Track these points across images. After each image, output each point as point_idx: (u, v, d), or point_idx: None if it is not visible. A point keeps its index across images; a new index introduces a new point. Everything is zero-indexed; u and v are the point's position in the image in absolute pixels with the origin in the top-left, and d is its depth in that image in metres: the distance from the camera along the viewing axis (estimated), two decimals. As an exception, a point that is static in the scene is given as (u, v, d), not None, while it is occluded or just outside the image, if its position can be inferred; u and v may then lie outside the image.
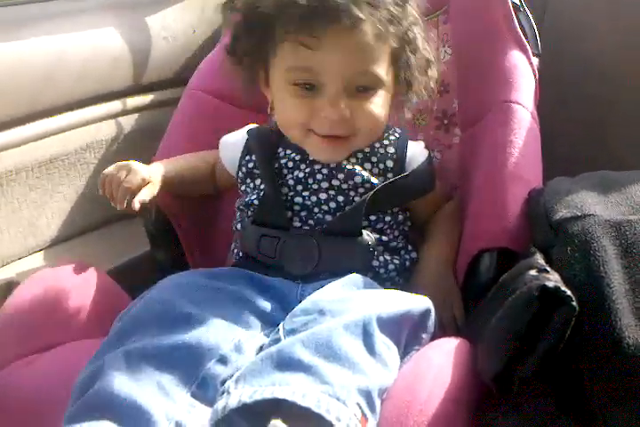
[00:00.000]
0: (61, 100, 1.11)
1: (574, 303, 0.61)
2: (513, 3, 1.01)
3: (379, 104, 0.83)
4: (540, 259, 0.69)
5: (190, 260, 1.02)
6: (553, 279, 0.63)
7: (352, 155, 0.87)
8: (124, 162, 0.91)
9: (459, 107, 1.03)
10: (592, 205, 0.73)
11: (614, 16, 1.19)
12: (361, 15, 0.75)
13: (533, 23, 1.05)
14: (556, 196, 0.77)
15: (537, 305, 0.61)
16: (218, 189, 1.04)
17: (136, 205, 0.85)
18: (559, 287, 0.61)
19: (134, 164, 0.90)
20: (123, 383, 0.61)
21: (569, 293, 0.61)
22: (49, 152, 1.10)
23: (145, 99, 1.26)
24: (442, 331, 0.77)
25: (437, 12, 1.06)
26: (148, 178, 0.88)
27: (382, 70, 0.81)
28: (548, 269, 0.66)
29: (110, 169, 0.89)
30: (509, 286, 0.68)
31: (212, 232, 1.06)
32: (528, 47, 0.98)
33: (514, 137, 0.88)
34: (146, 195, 0.87)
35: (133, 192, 0.86)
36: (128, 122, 1.23)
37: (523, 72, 0.95)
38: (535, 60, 0.99)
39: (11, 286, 0.98)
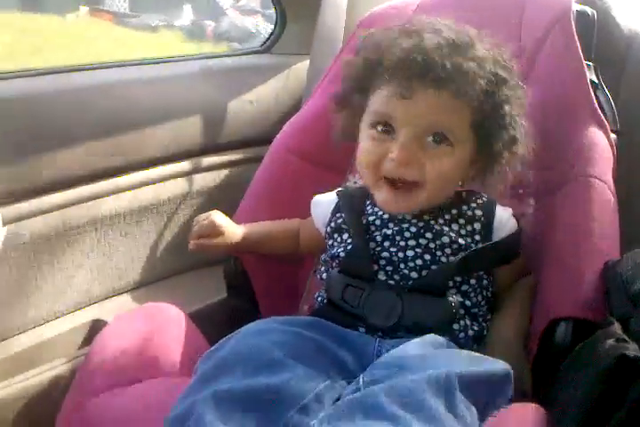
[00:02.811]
0: (158, 153, 1.21)
1: (654, 374, 0.61)
2: (591, 80, 1.05)
3: (451, 160, 0.84)
4: (618, 329, 0.69)
5: (263, 309, 1.06)
6: (632, 349, 0.63)
7: (440, 215, 0.88)
8: (214, 211, 1.00)
9: (534, 178, 1.05)
10: (671, 278, 0.74)
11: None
12: (451, 76, 0.80)
13: (611, 100, 1.09)
14: (635, 267, 0.77)
15: (616, 374, 0.62)
16: (300, 253, 1.07)
17: (190, 245, 0.96)
18: (639, 357, 0.62)
19: (218, 214, 0.99)
20: (213, 424, 0.63)
21: (649, 362, 0.61)
22: (142, 201, 1.19)
23: (230, 156, 1.35)
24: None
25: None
26: (221, 228, 0.97)
27: (458, 130, 0.83)
28: (627, 339, 0.66)
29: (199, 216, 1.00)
30: (587, 354, 0.68)
31: (284, 286, 1.10)
32: (606, 123, 1.01)
33: (592, 210, 0.89)
34: (205, 242, 0.96)
35: (202, 236, 0.97)
36: (213, 177, 1.31)
37: (601, 147, 0.97)
38: (613, 137, 1.01)
39: (99, 323, 1.04)
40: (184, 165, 1.27)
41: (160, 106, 1.22)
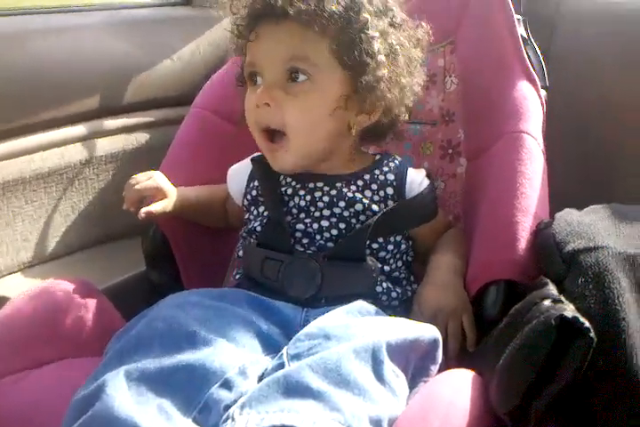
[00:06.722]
0: (64, 112, 1.11)
1: (592, 334, 0.59)
2: (521, 35, 1.03)
3: (310, 96, 0.81)
4: (553, 289, 0.67)
5: (186, 282, 1.00)
6: (570, 309, 0.62)
7: (353, 182, 0.86)
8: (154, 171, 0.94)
9: (465, 136, 1.02)
10: (605, 237, 0.72)
11: (618, 51, 1.21)
12: (288, 8, 0.78)
13: (541, 57, 1.07)
14: (567, 227, 0.76)
15: (555, 335, 0.60)
16: (230, 225, 1.02)
17: (141, 214, 0.87)
18: (578, 318, 0.60)
19: (159, 174, 0.93)
20: (123, 405, 0.59)
21: (587, 324, 0.60)
22: (47, 165, 1.09)
23: (148, 116, 1.26)
24: (448, 360, 0.75)
25: (444, 42, 1.06)
26: (165, 190, 0.91)
27: (313, 60, 0.80)
28: (563, 299, 0.65)
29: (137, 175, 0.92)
30: (523, 316, 0.66)
31: (209, 256, 1.04)
32: (536, 79, 0.99)
33: (523, 167, 0.87)
34: (155, 207, 0.89)
35: (144, 198, 0.90)
36: (130, 139, 1.22)
37: (532, 103, 0.95)
38: (543, 93, 0.99)
39: (2, 300, 0.95)
40: (96, 126, 1.17)
41: (68, 59, 1.12)
